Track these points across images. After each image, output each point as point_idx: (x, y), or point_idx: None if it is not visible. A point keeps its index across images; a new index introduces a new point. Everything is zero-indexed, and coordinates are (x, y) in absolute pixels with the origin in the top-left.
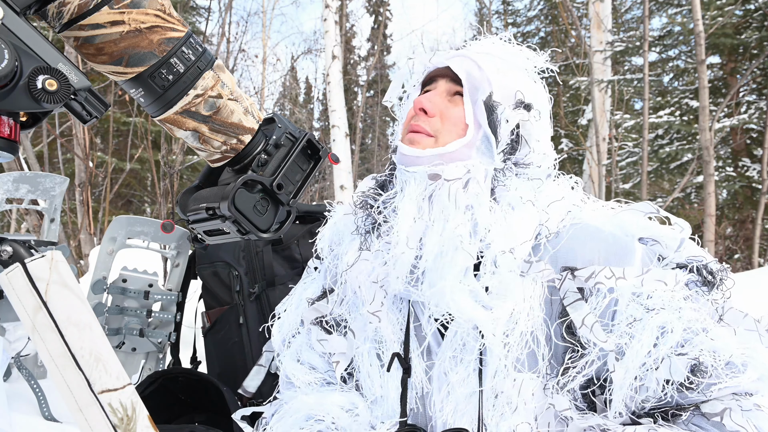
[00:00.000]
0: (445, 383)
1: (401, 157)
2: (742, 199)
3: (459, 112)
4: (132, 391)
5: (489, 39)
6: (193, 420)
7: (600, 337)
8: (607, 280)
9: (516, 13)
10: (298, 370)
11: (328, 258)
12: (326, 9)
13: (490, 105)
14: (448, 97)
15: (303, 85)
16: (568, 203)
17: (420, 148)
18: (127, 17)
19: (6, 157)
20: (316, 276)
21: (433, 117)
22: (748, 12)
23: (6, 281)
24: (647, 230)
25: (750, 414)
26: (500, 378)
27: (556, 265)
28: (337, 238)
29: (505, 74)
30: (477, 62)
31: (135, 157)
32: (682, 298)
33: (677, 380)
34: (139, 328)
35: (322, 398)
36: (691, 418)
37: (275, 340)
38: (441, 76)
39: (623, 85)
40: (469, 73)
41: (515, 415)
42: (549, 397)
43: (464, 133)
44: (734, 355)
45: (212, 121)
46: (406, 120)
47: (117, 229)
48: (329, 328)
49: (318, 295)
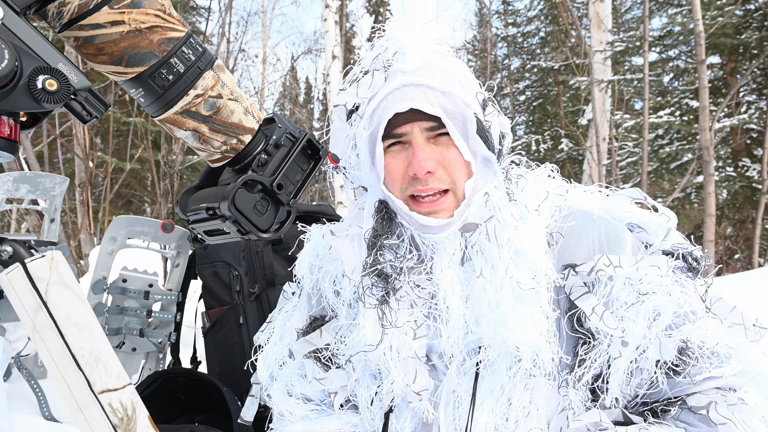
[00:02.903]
0: (453, 399)
1: (423, 228)
2: (742, 199)
3: (455, 153)
4: (132, 391)
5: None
6: (193, 420)
7: (610, 325)
8: (607, 267)
9: (516, 13)
10: (291, 405)
11: (309, 283)
12: (326, 9)
13: (483, 129)
14: (433, 141)
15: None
16: (553, 198)
17: (446, 217)
18: (127, 17)
19: (6, 157)
20: (297, 303)
21: (436, 171)
22: (748, 12)
23: (6, 281)
24: (634, 216)
25: (735, 408)
26: (523, 387)
27: (556, 264)
28: (317, 263)
29: (463, 85)
30: (440, 90)
31: (135, 157)
32: (670, 282)
33: (667, 359)
34: (139, 328)
35: (318, 425)
36: (678, 414)
37: (261, 374)
38: (409, 122)
39: (623, 85)
40: (445, 108)
41: (528, 420)
42: (565, 398)
43: (470, 170)
44: (720, 344)
45: (212, 121)
46: (398, 180)
47: (117, 229)
48: (326, 362)
49: (306, 325)
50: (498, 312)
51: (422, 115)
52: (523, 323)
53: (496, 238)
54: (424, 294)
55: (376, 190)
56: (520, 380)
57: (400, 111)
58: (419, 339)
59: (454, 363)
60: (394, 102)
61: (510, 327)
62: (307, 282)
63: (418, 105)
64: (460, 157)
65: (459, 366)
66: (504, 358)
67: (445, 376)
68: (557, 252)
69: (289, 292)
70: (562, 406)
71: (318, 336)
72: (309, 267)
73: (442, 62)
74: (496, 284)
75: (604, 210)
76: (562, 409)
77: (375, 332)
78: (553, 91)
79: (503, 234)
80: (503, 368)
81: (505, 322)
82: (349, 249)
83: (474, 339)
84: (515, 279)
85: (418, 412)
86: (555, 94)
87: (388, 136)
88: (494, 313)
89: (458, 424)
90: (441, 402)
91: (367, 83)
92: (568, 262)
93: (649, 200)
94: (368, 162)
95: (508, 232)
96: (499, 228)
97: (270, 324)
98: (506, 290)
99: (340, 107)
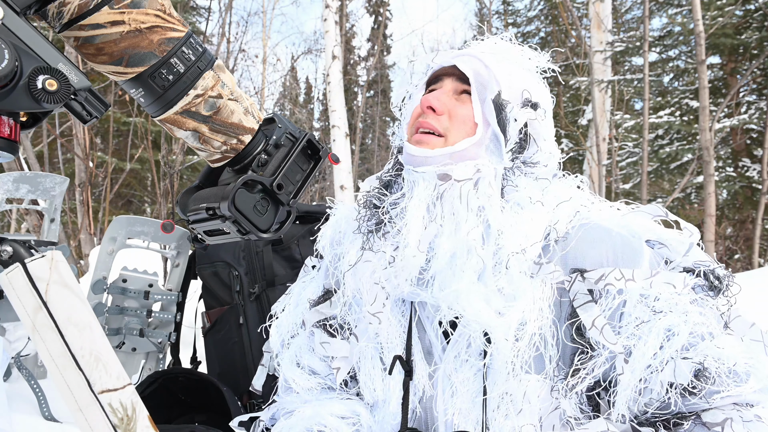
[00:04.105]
0: (449, 385)
1: (409, 157)
2: (742, 199)
3: (467, 110)
4: (132, 391)
5: (491, 39)
6: (193, 420)
7: (610, 339)
8: (617, 281)
9: (516, 13)
10: (297, 375)
11: (329, 257)
12: (326, 9)
13: (499, 103)
14: (456, 96)
15: (303, 85)
16: (575, 203)
17: (429, 147)
18: (127, 17)
19: (6, 157)
20: (315, 275)
21: (441, 115)
22: (748, 12)
23: (6, 281)
24: (654, 233)
25: (751, 425)
26: (506, 380)
27: (565, 266)
28: (338, 238)
29: (512, 73)
30: (483, 61)
31: (135, 157)
32: (688, 301)
33: (681, 383)
34: (139, 328)
35: (321, 408)
36: (692, 428)
37: (273, 340)
38: (447, 75)
39: (623, 85)
40: (476, 71)
41: (520, 417)
42: (557, 400)
43: (473, 132)
44: (738, 363)
45: (212, 121)
46: (412, 119)
47: (117, 229)
48: (333, 332)
49: (319, 296)
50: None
51: (459, 72)
52: (480, 301)
53: (467, 201)
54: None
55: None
56: (514, 377)
57: (444, 65)
58: (388, 269)
59: (452, 348)
60: (443, 59)
61: (468, 301)
62: (327, 254)
63: (455, 62)
64: (471, 116)
65: (457, 355)
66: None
67: (440, 360)
68: (561, 252)
69: (309, 266)
70: (555, 405)
71: (327, 306)
72: (330, 240)
73: (508, 54)
74: (456, 242)
75: (624, 226)
76: (555, 408)
77: (357, 255)
78: (553, 91)
79: (474, 201)
80: (501, 365)
81: (462, 295)
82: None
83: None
84: (475, 244)
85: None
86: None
87: (427, 87)
88: (456, 285)
89: (451, 413)
90: (438, 384)
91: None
92: (576, 266)
93: (671, 216)
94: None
95: (483, 202)
96: (472, 194)
97: (288, 296)
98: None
99: (411, 65)
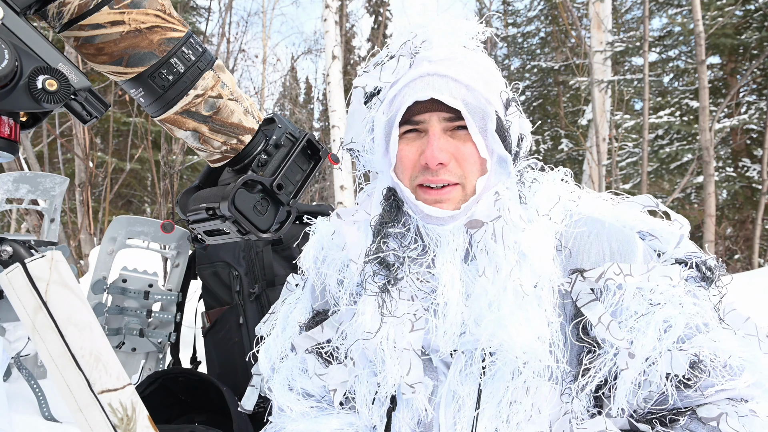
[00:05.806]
0: (453, 401)
1: (427, 218)
2: (742, 199)
3: (470, 148)
4: (132, 391)
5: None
6: (193, 420)
7: (617, 336)
8: (616, 276)
9: (516, 14)
10: (290, 399)
11: (313, 275)
12: (326, 9)
13: (501, 127)
14: (449, 133)
15: (303, 85)
16: (564, 202)
17: (452, 207)
18: (127, 17)
19: (6, 157)
20: (300, 294)
21: (449, 163)
22: (748, 12)
23: (6, 281)
24: (645, 224)
25: (746, 420)
26: (515, 388)
27: (564, 268)
28: (321, 255)
29: (486, 80)
30: (461, 81)
31: (135, 157)
32: (683, 293)
33: (678, 374)
34: (139, 328)
35: (317, 425)
36: (688, 424)
37: (263, 365)
38: (429, 111)
39: (623, 85)
40: (464, 101)
41: (530, 424)
42: (567, 404)
43: (484, 168)
44: (732, 357)
45: (212, 121)
46: (408, 168)
47: (117, 229)
48: (327, 357)
49: (309, 318)
50: (498, 314)
51: (442, 106)
52: (522, 327)
53: (502, 239)
54: (425, 287)
55: (386, 177)
56: (522, 384)
57: (420, 99)
58: (416, 331)
59: (455, 364)
60: (416, 89)
61: (508, 330)
62: (311, 274)
63: (440, 95)
64: (476, 153)
65: (462, 368)
66: (508, 364)
67: (445, 377)
68: (564, 257)
69: (292, 284)
70: (564, 410)
71: (320, 332)
72: (314, 259)
73: (470, 56)
74: (498, 285)
75: (615, 218)
76: (564, 413)
77: (374, 320)
78: (553, 92)
79: (510, 235)
80: (506, 372)
81: (503, 324)
82: (355, 234)
83: (471, 339)
84: (518, 282)
85: (418, 412)
86: (555, 95)
87: (405, 123)
88: (494, 315)
89: (459, 427)
90: (441, 403)
91: (392, 68)
92: (574, 266)
93: (661, 207)
94: (383, 147)
95: (515, 233)
96: (506, 229)
97: (272, 315)
98: (508, 293)
99: (360, 89)
